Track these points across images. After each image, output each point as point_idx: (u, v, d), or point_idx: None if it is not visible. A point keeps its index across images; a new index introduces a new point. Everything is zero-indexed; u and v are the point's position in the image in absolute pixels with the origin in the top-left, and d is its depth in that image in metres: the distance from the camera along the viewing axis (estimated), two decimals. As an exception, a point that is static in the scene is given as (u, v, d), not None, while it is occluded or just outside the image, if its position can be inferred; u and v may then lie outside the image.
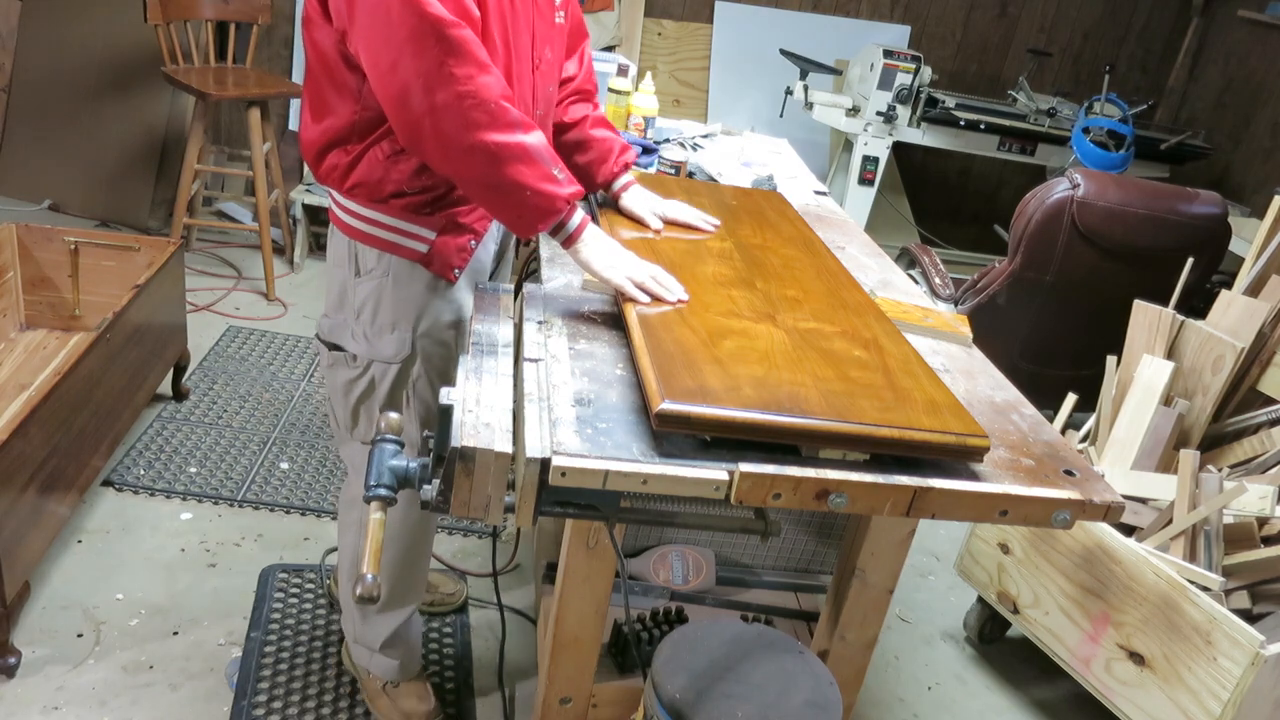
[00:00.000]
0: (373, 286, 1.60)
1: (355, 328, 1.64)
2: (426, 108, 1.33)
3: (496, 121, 1.35)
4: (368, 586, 1.15)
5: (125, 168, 3.92)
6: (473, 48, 1.34)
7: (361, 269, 1.60)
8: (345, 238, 1.60)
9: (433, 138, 1.36)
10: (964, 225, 4.92)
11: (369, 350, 1.64)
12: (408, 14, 1.30)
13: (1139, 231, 2.82)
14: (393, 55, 1.33)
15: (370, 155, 1.51)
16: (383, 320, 1.61)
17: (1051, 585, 2.14)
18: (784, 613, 2.04)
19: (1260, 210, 3.77)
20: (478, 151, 1.35)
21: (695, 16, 4.49)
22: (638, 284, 1.42)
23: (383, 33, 1.33)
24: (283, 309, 3.56)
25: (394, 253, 1.57)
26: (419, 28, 1.30)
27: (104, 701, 1.88)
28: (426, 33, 1.31)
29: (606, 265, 1.45)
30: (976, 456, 1.23)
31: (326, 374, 1.73)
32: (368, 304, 1.61)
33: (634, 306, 1.41)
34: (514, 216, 1.43)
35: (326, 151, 1.54)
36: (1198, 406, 2.36)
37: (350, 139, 1.51)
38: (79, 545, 2.26)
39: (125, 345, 2.37)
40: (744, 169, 2.60)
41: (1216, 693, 1.81)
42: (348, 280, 1.62)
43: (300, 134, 1.58)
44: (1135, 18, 4.70)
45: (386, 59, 1.34)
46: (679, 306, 1.41)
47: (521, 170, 1.37)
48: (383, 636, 1.86)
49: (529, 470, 1.11)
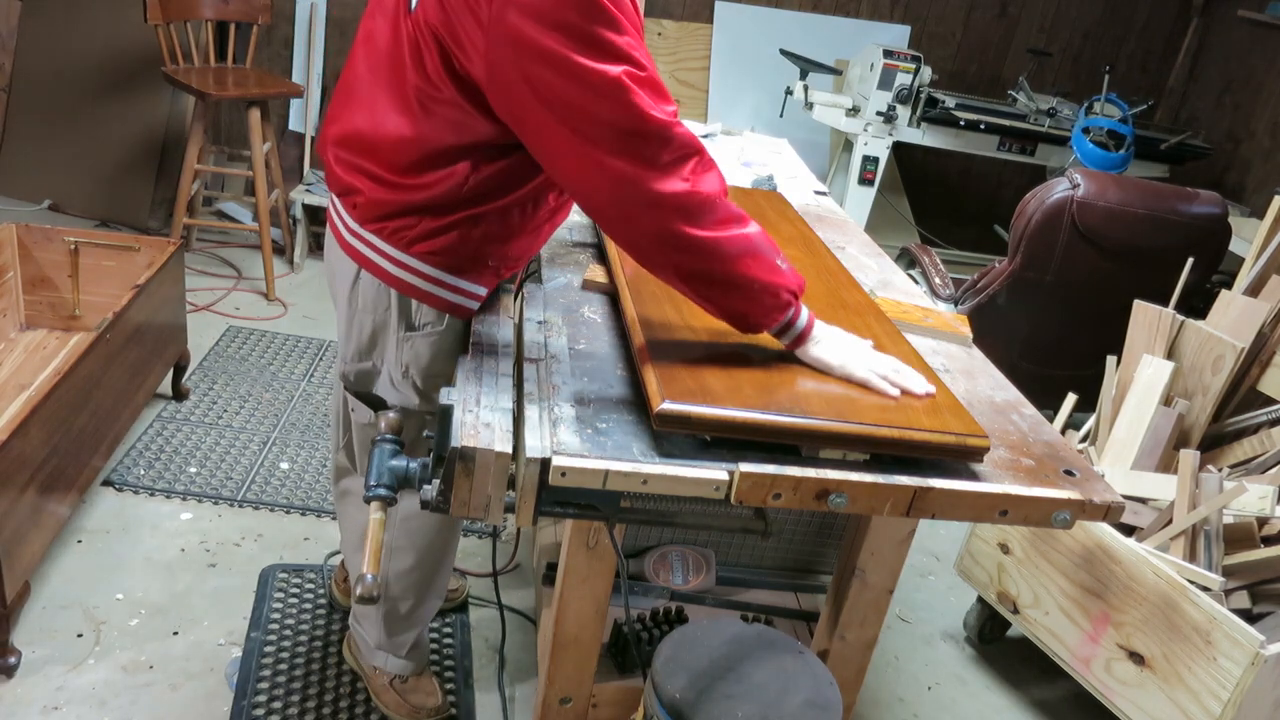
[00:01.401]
0: (432, 343, 1.52)
1: (401, 382, 1.56)
2: (645, 204, 1.22)
3: (726, 219, 1.26)
4: (368, 586, 1.15)
5: (125, 168, 3.92)
6: (694, 142, 1.24)
7: (416, 323, 1.51)
8: (388, 288, 1.49)
9: (651, 236, 1.25)
10: (964, 225, 4.91)
11: (423, 404, 1.57)
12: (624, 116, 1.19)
13: (1139, 231, 2.82)
14: (600, 155, 1.20)
15: (461, 231, 1.41)
16: (439, 370, 1.54)
17: (1051, 585, 2.14)
18: (784, 613, 2.04)
19: (1260, 210, 3.77)
20: (706, 248, 1.25)
21: (695, 16, 4.48)
22: (883, 375, 1.33)
23: (587, 126, 1.20)
24: (283, 309, 3.56)
25: (453, 313, 1.50)
26: (640, 129, 1.19)
27: (104, 701, 1.88)
28: (649, 134, 1.20)
29: (849, 360, 1.34)
30: (976, 456, 1.23)
31: (361, 430, 1.67)
32: (421, 359, 1.54)
33: (634, 307, 1.41)
34: (741, 314, 1.32)
35: (401, 215, 1.41)
36: (1198, 406, 2.36)
37: (447, 208, 1.40)
38: (79, 545, 2.26)
39: (125, 345, 2.36)
40: (744, 169, 2.60)
41: (1216, 693, 1.81)
42: (389, 331, 1.53)
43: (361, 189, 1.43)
44: (1135, 18, 4.70)
45: (590, 158, 1.21)
46: (680, 303, 1.41)
47: (749, 264, 1.27)
48: (408, 644, 1.87)
49: (529, 470, 1.11)
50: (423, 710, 1.91)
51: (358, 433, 1.70)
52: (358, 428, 1.69)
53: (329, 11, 4.17)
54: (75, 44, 3.83)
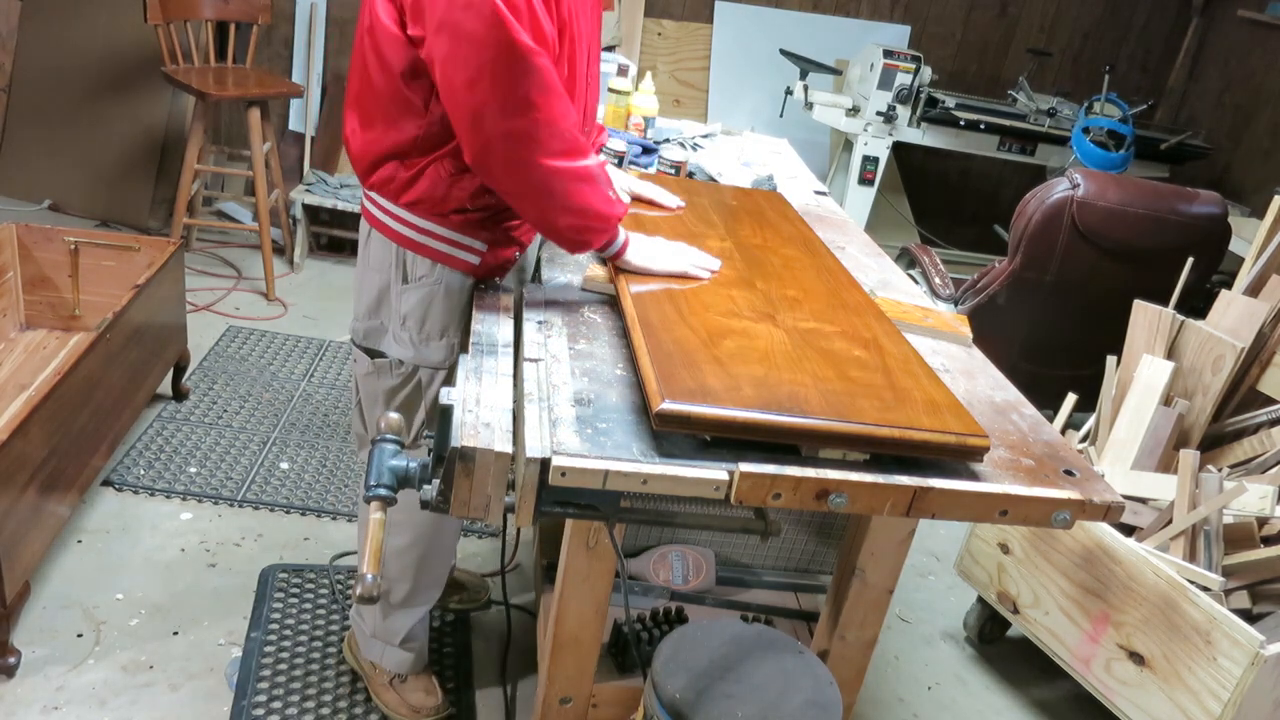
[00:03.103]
0: (423, 294, 1.60)
1: (400, 333, 1.64)
2: (501, 131, 1.35)
3: (568, 150, 1.39)
4: (367, 586, 1.15)
5: (125, 168, 3.92)
6: (551, 77, 1.35)
7: (410, 276, 1.60)
8: (392, 244, 1.59)
9: (502, 160, 1.38)
10: (964, 225, 4.92)
11: (416, 356, 1.64)
12: (493, 38, 1.30)
13: (1139, 231, 2.82)
14: (470, 74, 1.33)
15: (433, 171, 1.52)
16: (432, 327, 1.62)
17: (1051, 585, 2.14)
18: (784, 613, 2.04)
19: (1260, 210, 3.77)
20: (547, 176, 1.39)
21: (695, 16, 4.49)
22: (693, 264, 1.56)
23: (464, 51, 1.32)
24: (283, 309, 3.56)
25: (446, 263, 1.59)
26: (502, 54, 1.31)
27: (104, 701, 1.88)
28: (509, 59, 1.31)
29: (664, 261, 1.55)
30: (976, 456, 1.23)
31: (363, 381, 1.72)
32: (415, 310, 1.61)
33: (634, 307, 1.41)
34: (572, 237, 1.48)
35: (381, 162, 1.54)
36: (1198, 406, 2.36)
37: (411, 153, 1.52)
38: (79, 545, 2.26)
39: (125, 345, 2.36)
40: (744, 169, 2.60)
41: (1216, 693, 1.81)
42: (391, 285, 1.62)
43: (347, 140, 1.58)
44: (1135, 18, 4.70)
45: (463, 77, 1.34)
46: (680, 303, 1.42)
47: (586, 193, 1.42)
48: (403, 632, 1.88)
49: (529, 470, 1.11)
50: (422, 709, 1.92)
51: (360, 385, 1.74)
52: (360, 380, 1.74)
53: (329, 11, 4.17)
54: (75, 44, 3.83)
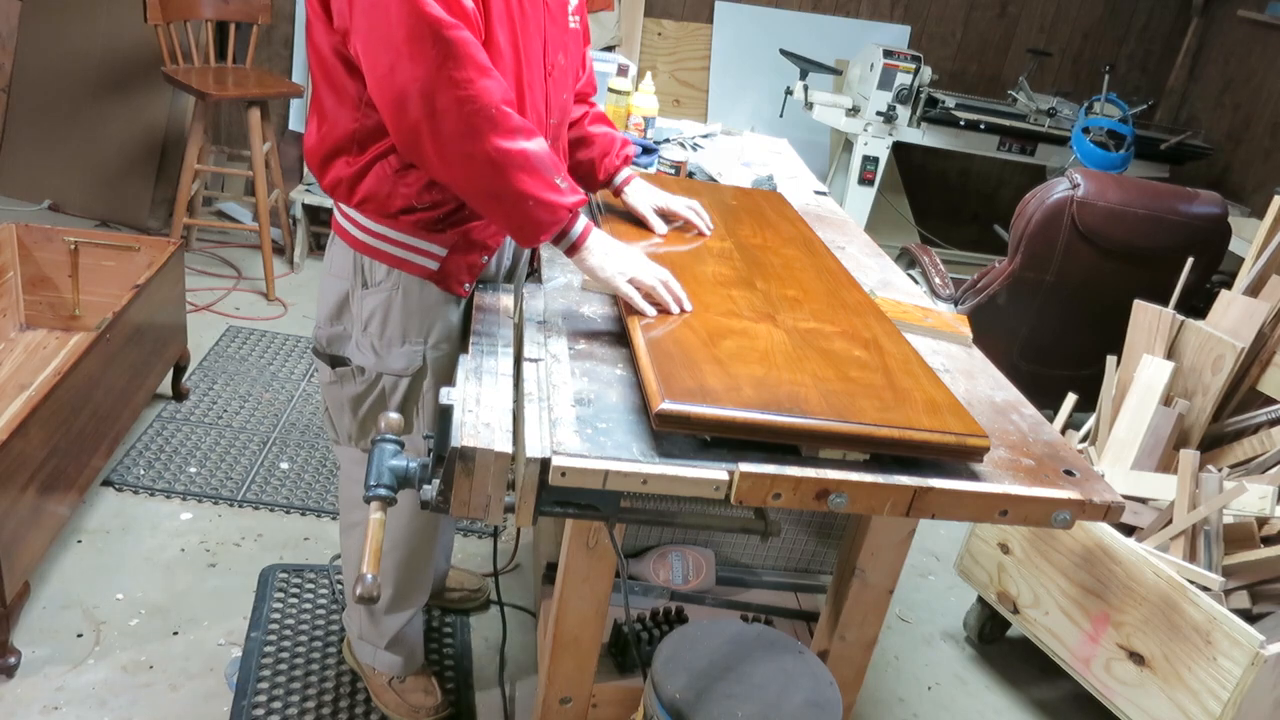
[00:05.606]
0: (381, 299, 1.56)
1: (361, 339, 1.59)
2: (424, 113, 1.29)
3: (497, 127, 1.31)
4: (368, 587, 1.15)
5: (125, 168, 3.92)
6: (472, 50, 1.29)
7: (369, 281, 1.56)
8: (350, 249, 1.56)
9: (431, 144, 1.31)
10: (964, 225, 4.92)
11: (378, 363, 1.60)
12: (404, 14, 1.26)
13: (1139, 231, 2.82)
14: (390, 58, 1.29)
15: (377, 169, 1.47)
16: (392, 333, 1.57)
17: (1051, 585, 2.14)
18: (784, 613, 2.04)
19: (1260, 210, 3.77)
20: (478, 159, 1.31)
21: (695, 16, 4.49)
22: (646, 291, 1.41)
23: (380, 34, 1.29)
24: (283, 309, 3.56)
25: (402, 269, 1.53)
26: (416, 29, 1.26)
27: (104, 701, 1.88)
28: (424, 35, 1.26)
29: (615, 272, 1.43)
30: (976, 456, 1.23)
31: (327, 389, 1.68)
32: (375, 316, 1.57)
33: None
34: (516, 226, 1.39)
35: (329, 161, 1.50)
36: (1198, 406, 2.36)
37: (351, 149, 1.48)
38: (79, 545, 2.26)
39: (125, 345, 2.36)
40: (744, 169, 2.60)
41: (1216, 693, 1.81)
42: (352, 290, 1.58)
43: (304, 140, 1.55)
44: (1135, 18, 4.70)
45: (384, 62, 1.30)
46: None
47: (523, 178, 1.33)
48: (389, 634, 1.87)
49: (529, 470, 1.11)
50: (422, 710, 1.91)
51: (325, 394, 1.71)
52: (324, 389, 1.70)
53: (329, 11, 4.17)
54: (75, 44, 3.83)
